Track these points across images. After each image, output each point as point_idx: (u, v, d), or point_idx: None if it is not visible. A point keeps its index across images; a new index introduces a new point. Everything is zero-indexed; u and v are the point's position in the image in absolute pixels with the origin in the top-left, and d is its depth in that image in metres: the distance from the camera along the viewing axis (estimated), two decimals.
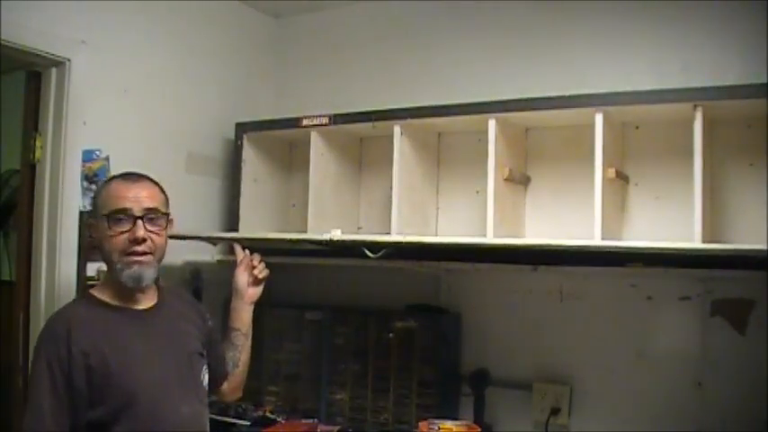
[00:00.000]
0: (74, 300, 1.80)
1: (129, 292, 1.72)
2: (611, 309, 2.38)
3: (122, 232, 1.66)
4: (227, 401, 2.20)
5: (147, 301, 1.77)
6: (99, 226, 1.70)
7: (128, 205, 1.67)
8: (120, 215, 1.67)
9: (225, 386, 2.01)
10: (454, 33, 2.74)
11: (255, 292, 2.07)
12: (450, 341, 2.56)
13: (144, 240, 1.67)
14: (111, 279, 1.73)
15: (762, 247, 1.73)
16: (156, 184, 1.78)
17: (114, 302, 1.72)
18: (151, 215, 1.70)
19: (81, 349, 1.59)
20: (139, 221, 1.67)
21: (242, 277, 2.06)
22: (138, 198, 1.69)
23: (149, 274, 1.71)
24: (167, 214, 1.76)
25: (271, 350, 2.79)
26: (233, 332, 2.03)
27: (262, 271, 2.06)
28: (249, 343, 2.05)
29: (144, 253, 1.68)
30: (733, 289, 2.19)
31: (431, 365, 2.50)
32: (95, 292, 1.75)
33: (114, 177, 1.79)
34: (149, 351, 1.69)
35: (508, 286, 2.54)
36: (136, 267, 1.68)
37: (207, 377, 1.84)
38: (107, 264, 1.73)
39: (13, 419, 2.32)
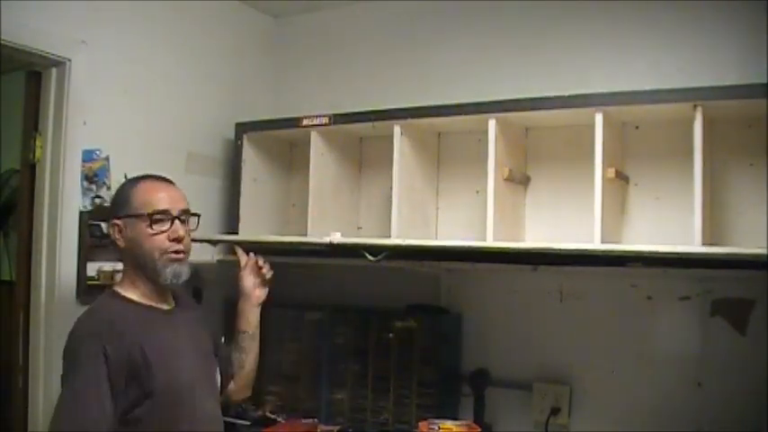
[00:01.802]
0: (100, 298, 1.81)
1: (155, 291, 1.78)
2: (611, 309, 2.38)
3: (163, 231, 1.74)
4: (234, 401, 2.22)
5: (168, 302, 1.83)
6: (135, 225, 1.74)
7: (168, 206, 1.76)
8: (162, 215, 1.74)
9: (231, 386, 2.03)
10: (454, 33, 2.74)
11: (262, 293, 2.08)
12: (450, 341, 2.56)
13: (182, 239, 1.77)
14: (141, 278, 1.77)
15: (762, 251, 1.72)
16: None
17: (143, 301, 1.77)
18: (183, 216, 1.79)
19: (125, 344, 1.63)
20: (177, 221, 1.76)
21: (248, 279, 2.07)
22: (174, 199, 1.78)
23: (186, 270, 1.79)
24: (198, 214, 1.84)
25: (271, 350, 2.78)
26: (240, 334, 2.04)
27: (268, 271, 2.08)
28: (257, 344, 2.06)
29: (181, 251, 1.77)
30: (733, 289, 2.19)
31: (431, 365, 2.50)
32: (121, 291, 1.78)
33: (142, 178, 1.82)
34: (180, 349, 1.75)
35: (508, 286, 2.54)
36: (176, 265, 1.76)
37: (219, 378, 1.90)
38: (142, 263, 1.75)
39: (14, 419, 2.32)
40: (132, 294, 1.77)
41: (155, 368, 1.64)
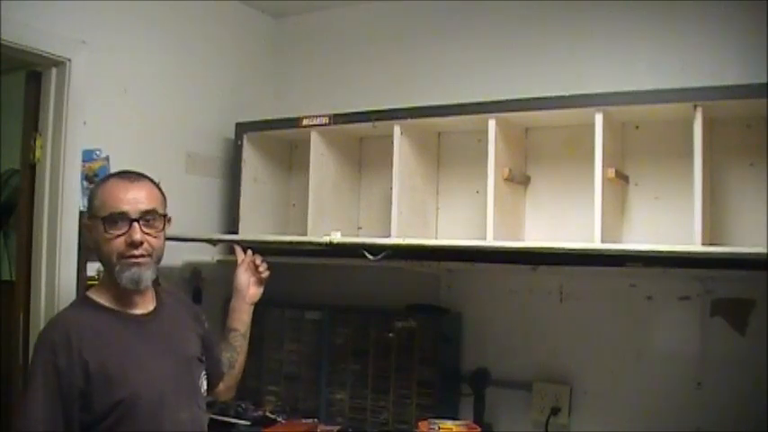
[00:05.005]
0: (71, 304, 1.76)
1: (128, 295, 1.70)
2: (611, 309, 2.38)
3: (119, 235, 1.64)
4: (221, 400, 2.18)
5: (146, 305, 1.74)
6: (96, 228, 1.66)
7: (125, 208, 1.64)
8: (117, 218, 1.64)
9: (220, 386, 1.99)
10: (454, 33, 2.75)
11: (257, 292, 2.07)
12: (450, 341, 2.56)
13: (141, 243, 1.65)
14: (110, 281, 1.70)
15: (761, 250, 1.72)
16: (154, 183, 1.75)
17: (113, 306, 1.69)
18: (148, 217, 1.67)
19: (81, 358, 1.56)
20: (135, 224, 1.64)
21: (243, 277, 2.05)
22: (136, 200, 1.66)
23: (148, 275, 1.68)
24: (165, 215, 1.73)
25: (271, 350, 2.79)
26: (231, 333, 2.02)
27: (265, 271, 2.06)
28: (247, 343, 2.04)
29: (141, 255, 1.66)
30: (733, 289, 2.19)
31: (431, 365, 2.50)
32: (93, 295, 1.71)
33: (112, 176, 1.75)
34: (148, 357, 1.67)
35: (508, 286, 2.54)
36: (135, 269, 1.65)
37: (205, 382, 1.82)
38: (105, 266, 1.70)
39: (13, 419, 2.32)
40: (104, 299, 1.69)
41: (115, 383, 1.58)
